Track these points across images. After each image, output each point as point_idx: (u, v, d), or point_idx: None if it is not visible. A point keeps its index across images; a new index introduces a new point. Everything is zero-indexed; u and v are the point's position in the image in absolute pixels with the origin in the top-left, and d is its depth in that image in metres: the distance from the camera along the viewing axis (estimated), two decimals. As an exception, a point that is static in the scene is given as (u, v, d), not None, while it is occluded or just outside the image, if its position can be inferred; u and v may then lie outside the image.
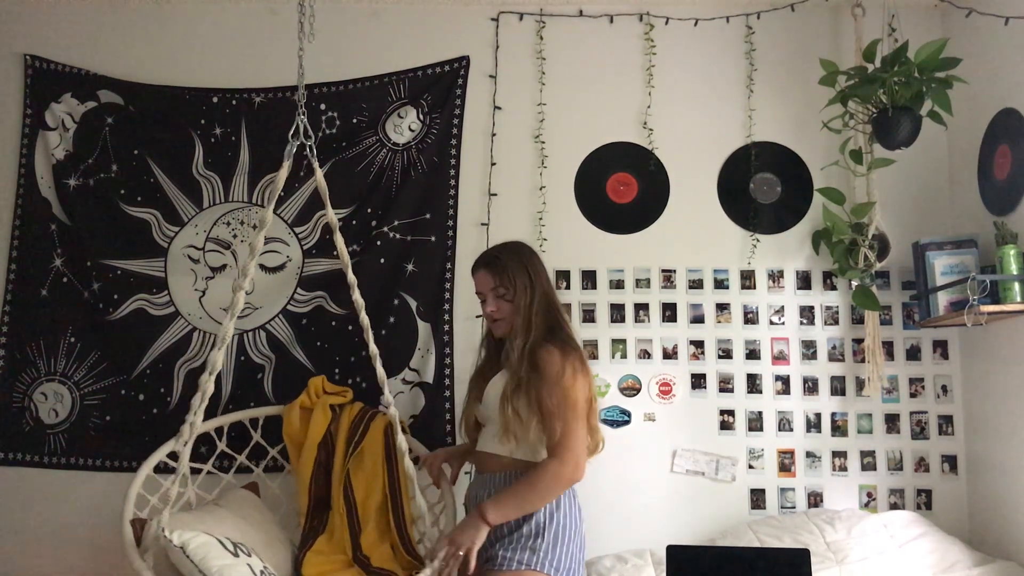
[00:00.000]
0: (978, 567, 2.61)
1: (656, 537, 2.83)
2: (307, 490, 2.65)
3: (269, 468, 2.85)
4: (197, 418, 2.36)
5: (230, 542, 2.23)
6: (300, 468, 2.68)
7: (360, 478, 2.65)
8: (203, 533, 2.21)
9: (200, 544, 2.16)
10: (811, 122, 3.05)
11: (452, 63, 3.18)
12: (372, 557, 2.49)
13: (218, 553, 2.16)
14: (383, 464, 2.65)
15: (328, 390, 2.80)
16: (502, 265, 2.33)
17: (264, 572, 2.22)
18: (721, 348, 3.07)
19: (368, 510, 2.60)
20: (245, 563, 2.19)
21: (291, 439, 2.72)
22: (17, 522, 2.95)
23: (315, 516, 2.64)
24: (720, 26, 3.19)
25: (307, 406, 2.74)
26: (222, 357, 2.39)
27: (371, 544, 2.54)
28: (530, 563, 2.10)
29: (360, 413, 2.74)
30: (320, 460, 2.67)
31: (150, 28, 3.20)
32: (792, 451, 3.02)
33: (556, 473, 2.14)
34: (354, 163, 3.11)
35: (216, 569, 2.11)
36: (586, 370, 2.26)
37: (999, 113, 2.81)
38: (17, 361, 3.04)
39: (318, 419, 2.70)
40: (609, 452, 2.87)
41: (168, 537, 2.15)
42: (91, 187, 3.10)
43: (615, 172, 3.16)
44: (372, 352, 2.52)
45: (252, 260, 2.44)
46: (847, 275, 2.98)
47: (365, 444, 2.67)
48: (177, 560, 2.16)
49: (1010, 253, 2.63)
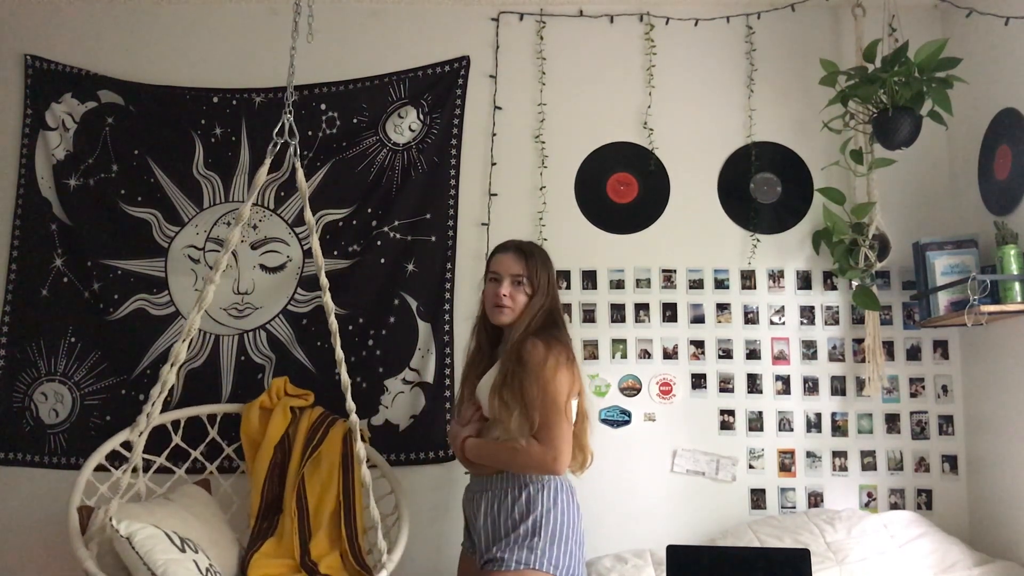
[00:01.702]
0: (978, 567, 2.61)
1: (656, 537, 2.83)
2: (260, 491, 2.64)
3: (223, 467, 2.85)
4: (154, 409, 2.35)
5: (177, 537, 2.20)
6: (255, 468, 2.67)
7: (315, 483, 2.64)
8: (151, 525, 2.18)
9: (147, 536, 2.13)
10: (811, 122, 3.06)
11: (452, 63, 3.18)
12: (320, 564, 2.48)
13: (165, 547, 2.13)
14: (339, 471, 2.64)
15: (290, 392, 2.80)
16: (534, 259, 2.33)
17: (210, 570, 2.19)
18: (721, 348, 3.07)
19: (320, 516, 2.59)
20: (191, 559, 2.16)
21: (248, 438, 2.72)
22: (17, 522, 2.95)
23: (266, 518, 2.63)
24: (720, 26, 3.19)
25: (267, 406, 2.74)
26: (185, 349, 2.40)
27: (320, 551, 2.53)
28: (528, 562, 2.10)
29: (320, 417, 2.74)
30: (276, 461, 2.66)
31: (150, 28, 3.20)
32: (792, 451, 3.02)
33: (539, 457, 2.14)
34: (354, 163, 3.12)
35: (162, 563, 2.09)
36: (572, 367, 2.23)
37: (999, 113, 2.81)
38: (17, 361, 3.04)
39: (277, 420, 2.70)
40: (609, 452, 2.90)
41: (115, 527, 2.13)
42: (91, 187, 3.10)
43: (615, 172, 3.16)
44: (338, 357, 2.50)
45: (225, 254, 2.45)
46: (847, 275, 2.98)
47: (323, 449, 2.66)
48: (122, 551, 2.13)
49: (1010, 253, 2.63)
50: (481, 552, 2.24)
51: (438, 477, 2.96)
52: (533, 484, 2.19)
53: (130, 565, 2.13)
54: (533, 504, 2.17)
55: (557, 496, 2.19)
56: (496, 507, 2.22)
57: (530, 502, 2.17)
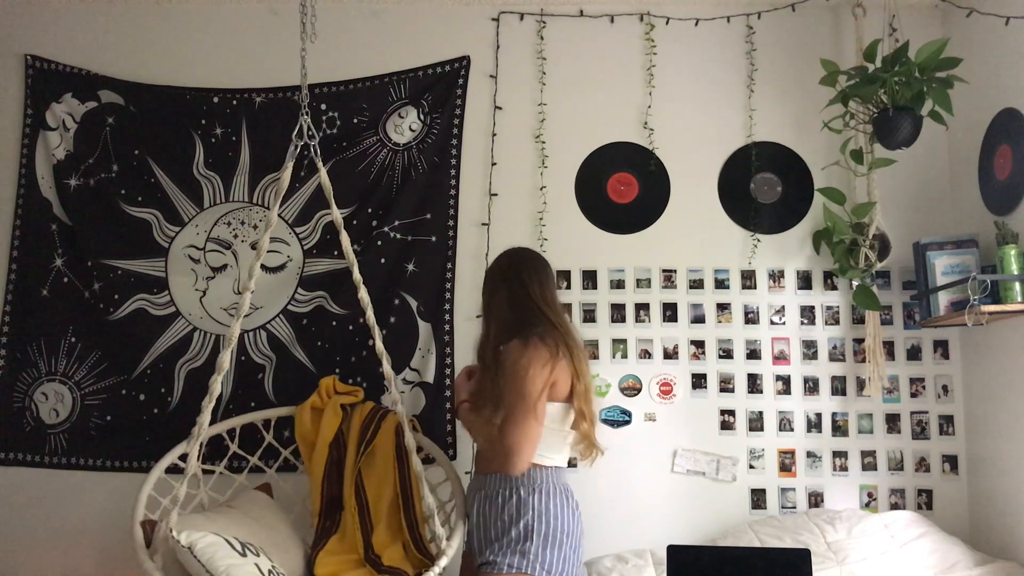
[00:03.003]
0: (979, 567, 2.61)
1: (657, 537, 2.83)
2: (319, 490, 2.66)
3: (282, 468, 2.85)
4: (205, 419, 2.36)
5: (238, 542, 2.23)
6: (312, 468, 2.68)
7: (372, 477, 2.65)
8: (211, 533, 2.21)
9: (208, 544, 2.16)
10: (812, 122, 3.05)
11: (453, 63, 3.18)
12: (383, 556, 2.49)
13: (225, 553, 2.16)
14: (394, 463, 2.65)
15: (339, 390, 2.79)
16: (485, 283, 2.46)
17: (272, 571, 2.23)
18: (722, 348, 3.07)
19: (380, 509, 2.60)
20: (253, 562, 2.19)
21: (303, 439, 2.72)
22: (17, 522, 2.95)
23: (328, 516, 2.65)
24: (721, 26, 3.19)
25: (318, 406, 2.74)
26: (228, 358, 2.37)
27: (382, 543, 2.54)
28: (520, 567, 2.10)
29: (371, 413, 2.74)
30: (332, 460, 2.67)
31: (151, 28, 3.20)
32: (793, 451, 3.02)
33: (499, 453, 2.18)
34: (355, 163, 3.11)
35: (223, 568, 2.12)
36: (552, 359, 2.20)
37: (1000, 113, 2.81)
38: (18, 361, 3.04)
39: (329, 419, 2.69)
40: (610, 452, 2.87)
41: (176, 537, 2.16)
42: (92, 187, 3.10)
43: (616, 172, 3.16)
44: (379, 350, 2.47)
45: (257, 261, 2.42)
46: (848, 275, 2.98)
47: (376, 443, 2.67)
48: (185, 560, 2.17)
49: (1011, 253, 2.63)
50: (475, 553, 2.24)
51: (439, 477, 2.95)
52: (524, 487, 2.19)
53: (193, 573, 2.16)
54: (524, 507, 2.17)
55: (550, 499, 2.19)
56: (488, 506, 2.23)
57: (521, 505, 2.17)
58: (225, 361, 2.36)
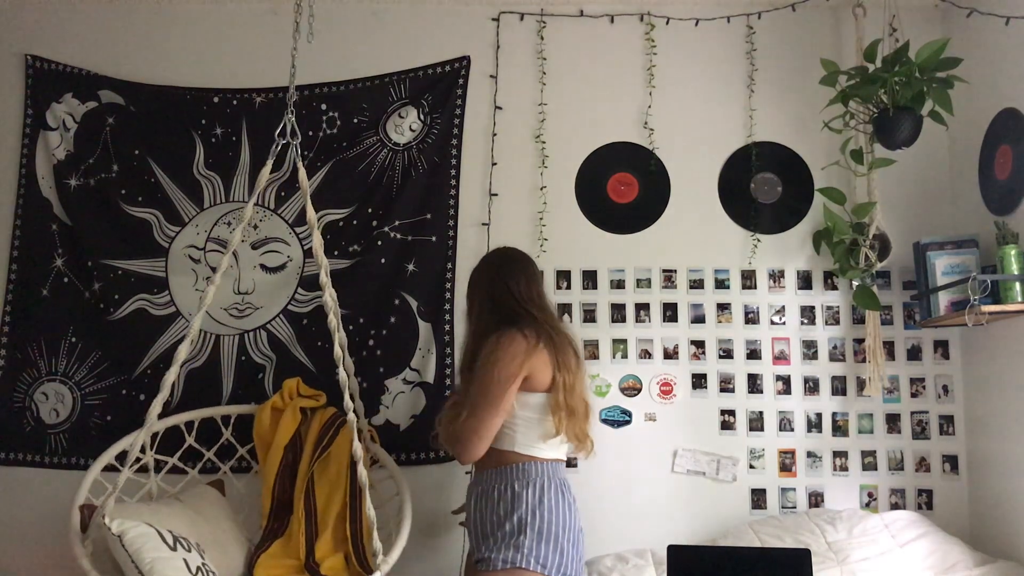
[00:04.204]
0: (979, 567, 2.61)
1: (657, 537, 2.83)
2: (271, 492, 2.65)
3: (237, 468, 2.85)
4: (154, 409, 2.36)
5: (171, 535, 2.20)
6: (266, 469, 2.67)
7: (324, 484, 2.63)
8: (144, 524, 2.19)
9: (138, 535, 2.14)
10: (812, 122, 3.05)
11: (453, 63, 3.18)
12: (323, 565, 2.48)
13: (154, 545, 2.14)
14: (347, 472, 2.63)
15: (303, 392, 2.79)
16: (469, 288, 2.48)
17: (201, 569, 2.18)
18: (722, 348, 3.07)
19: (328, 517, 2.58)
20: (182, 557, 2.16)
21: (260, 439, 2.72)
22: (17, 522, 2.95)
23: (277, 518, 2.63)
24: (721, 26, 3.19)
25: (279, 407, 2.74)
26: (187, 349, 2.42)
27: (325, 552, 2.52)
28: (515, 561, 2.06)
29: (331, 418, 2.73)
30: (287, 463, 2.66)
31: (151, 28, 3.21)
32: (793, 451, 3.02)
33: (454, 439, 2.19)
34: (355, 163, 3.12)
35: (149, 561, 2.10)
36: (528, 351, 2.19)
37: (1000, 113, 2.81)
38: (18, 361, 3.04)
39: (287, 421, 2.70)
40: (610, 452, 2.90)
41: (107, 525, 2.14)
42: (92, 187, 3.10)
43: (616, 172, 3.16)
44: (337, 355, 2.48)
45: (225, 256, 2.49)
46: (848, 275, 2.98)
47: (332, 450, 2.65)
48: (114, 549, 2.14)
49: (1011, 253, 2.62)
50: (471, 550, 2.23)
51: (439, 477, 2.96)
52: (519, 481, 2.17)
53: (120, 563, 2.14)
54: (517, 501, 2.15)
55: (544, 493, 2.17)
56: (483, 502, 2.22)
57: (515, 499, 2.15)
58: (182, 353, 2.40)
